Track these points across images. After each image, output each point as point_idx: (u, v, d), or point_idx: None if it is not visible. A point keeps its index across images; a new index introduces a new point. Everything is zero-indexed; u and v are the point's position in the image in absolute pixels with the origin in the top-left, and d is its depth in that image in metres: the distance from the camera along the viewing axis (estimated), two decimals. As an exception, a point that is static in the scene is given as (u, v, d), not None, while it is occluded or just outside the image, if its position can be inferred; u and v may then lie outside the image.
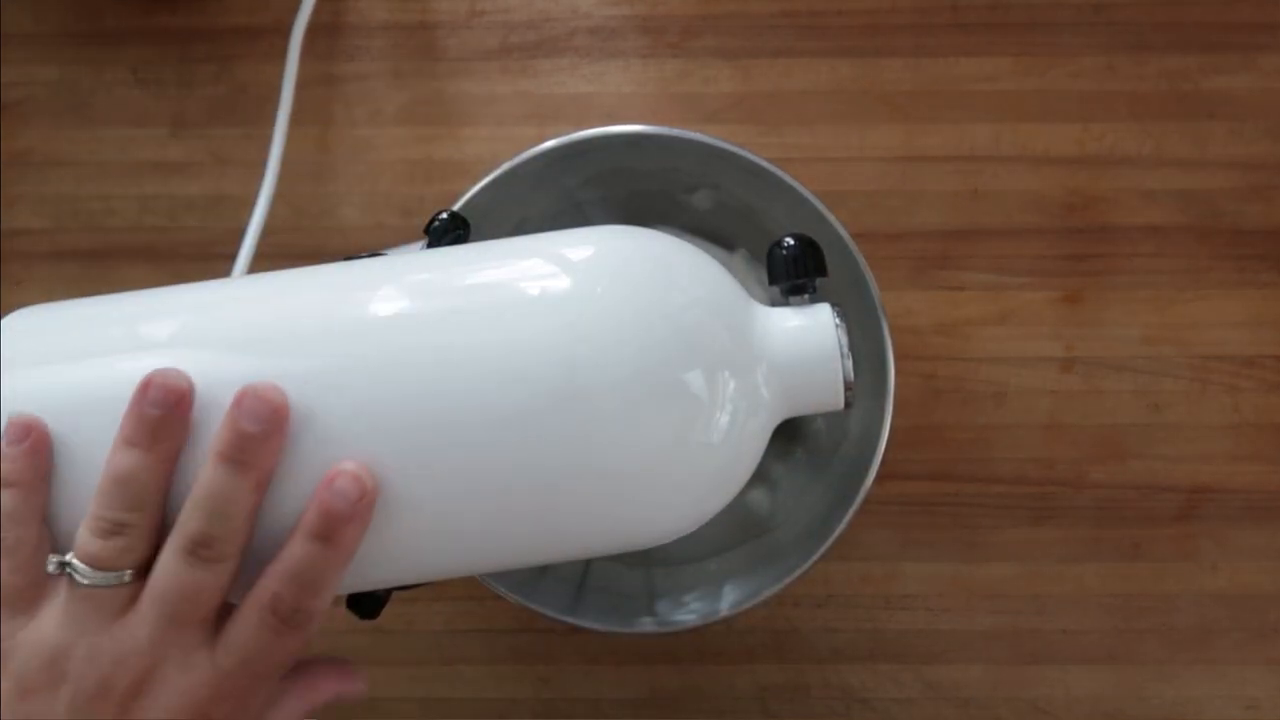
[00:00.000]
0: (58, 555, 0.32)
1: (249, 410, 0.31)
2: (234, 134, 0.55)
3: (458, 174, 0.54)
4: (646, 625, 0.45)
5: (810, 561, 0.43)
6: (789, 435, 0.51)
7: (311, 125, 0.54)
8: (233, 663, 0.33)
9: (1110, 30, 0.54)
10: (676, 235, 0.50)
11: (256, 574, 0.33)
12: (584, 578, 0.47)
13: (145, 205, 0.55)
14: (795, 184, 0.44)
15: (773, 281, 0.38)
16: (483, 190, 0.45)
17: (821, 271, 0.38)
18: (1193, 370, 0.52)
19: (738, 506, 0.50)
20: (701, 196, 0.50)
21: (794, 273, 0.38)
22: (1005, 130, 0.53)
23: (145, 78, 0.55)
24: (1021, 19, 0.54)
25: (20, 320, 0.36)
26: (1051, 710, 0.52)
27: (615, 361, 0.32)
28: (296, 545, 0.32)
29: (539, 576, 0.45)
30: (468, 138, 0.54)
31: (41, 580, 0.32)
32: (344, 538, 0.32)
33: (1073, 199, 0.53)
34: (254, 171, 0.50)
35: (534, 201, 0.48)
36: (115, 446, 0.32)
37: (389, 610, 0.39)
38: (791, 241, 0.38)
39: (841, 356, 0.35)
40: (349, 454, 0.32)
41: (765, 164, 0.44)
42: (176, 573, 0.32)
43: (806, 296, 0.37)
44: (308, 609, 0.32)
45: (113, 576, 0.32)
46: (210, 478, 0.32)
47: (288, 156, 0.51)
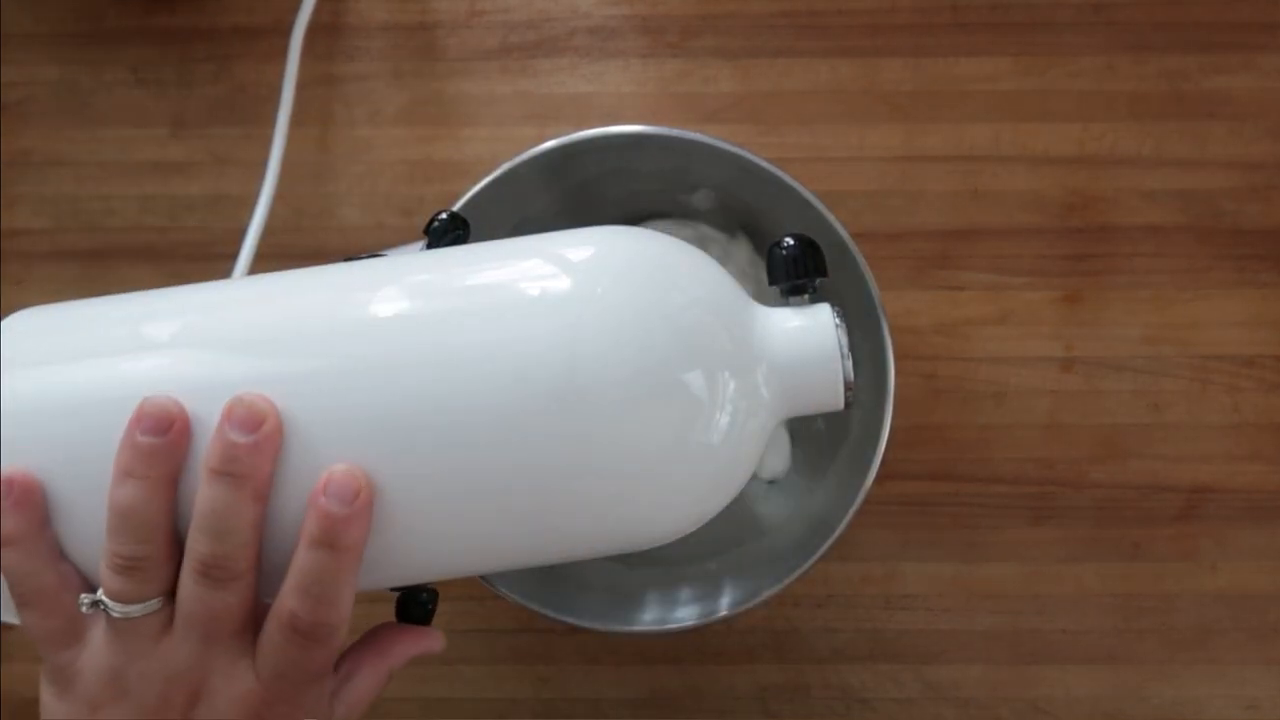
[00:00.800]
0: (89, 595, 0.33)
1: (237, 421, 0.31)
2: (234, 134, 0.55)
3: (458, 174, 0.54)
4: (646, 625, 0.45)
5: (810, 561, 0.43)
6: (789, 435, 0.51)
7: (311, 125, 0.54)
8: (270, 675, 0.33)
9: (1110, 30, 0.54)
10: (679, 224, 0.50)
11: (280, 577, 0.33)
12: (584, 578, 0.47)
13: (145, 205, 0.55)
14: (795, 184, 0.44)
15: (773, 282, 0.38)
16: (483, 190, 0.45)
17: (821, 272, 0.38)
18: (1193, 370, 0.52)
19: (738, 506, 0.51)
20: (701, 196, 0.50)
21: (794, 273, 0.38)
22: (1005, 130, 0.53)
23: (145, 78, 0.55)
24: (1021, 19, 0.54)
25: (21, 321, 0.36)
26: (1051, 710, 0.52)
27: (615, 362, 0.32)
28: (302, 556, 0.32)
29: (540, 577, 0.45)
30: (468, 138, 0.54)
31: (78, 616, 0.33)
32: (347, 540, 0.32)
33: (1073, 199, 0.53)
34: (254, 171, 0.50)
35: (534, 201, 0.48)
36: (115, 479, 0.32)
37: (389, 610, 0.39)
38: (791, 241, 0.38)
39: (841, 357, 0.35)
40: (350, 455, 0.32)
41: (765, 164, 0.44)
42: (197, 597, 0.32)
43: (806, 297, 0.37)
44: (327, 622, 0.33)
45: (141, 607, 0.33)
46: (206, 495, 0.32)
47: (288, 157, 0.51)
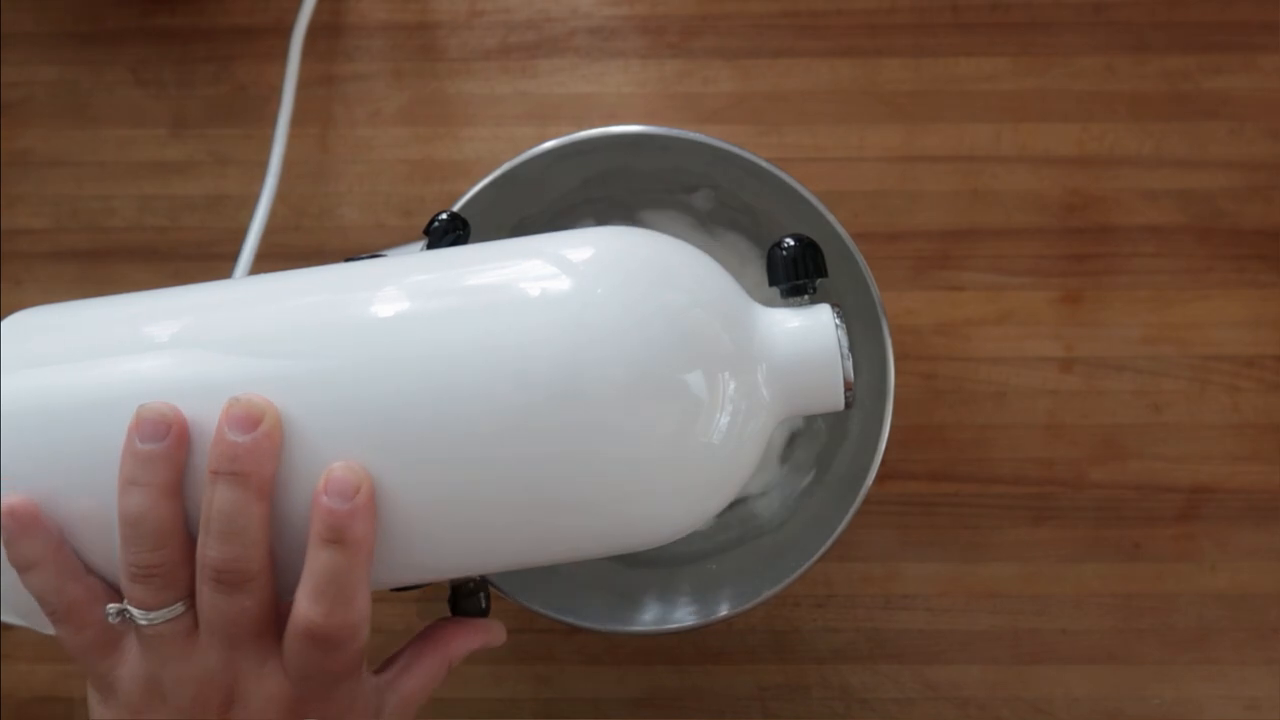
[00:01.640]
0: (116, 605, 0.33)
1: (235, 420, 0.31)
2: (234, 134, 0.55)
3: (458, 174, 0.54)
4: (646, 625, 0.45)
5: (810, 561, 0.43)
6: (789, 435, 0.51)
7: (312, 125, 0.54)
8: (298, 676, 0.33)
9: (1110, 30, 0.54)
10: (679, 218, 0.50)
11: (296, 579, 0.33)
12: (584, 578, 0.47)
13: (145, 205, 0.55)
14: (795, 184, 0.44)
15: (773, 282, 0.38)
16: (483, 190, 0.45)
17: (821, 272, 0.38)
18: (1193, 370, 0.52)
19: (738, 506, 0.51)
20: (701, 196, 0.50)
21: (794, 273, 0.38)
22: (1005, 130, 0.53)
23: (145, 78, 0.55)
24: (1021, 19, 0.54)
25: (21, 321, 0.36)
26: (1051, 710, 0.52)
27: (616, 362, 0.32)
28: (313, 557, 0.32)
29: (540, 577, 0.45)
30: (468, 138, 0.54)
31: (110, 626, 0.34)
32: (354, 535, 0.32)
33: (1073, 199, 0.53)
34: (254, 171, 0.50)
35: (534, 201, 0.48)
36: (120, 489, 0.32)
37: (388, 610, 0.39)
38: (791, 242, 0.38)
39: (841, 357, 0.35)
40: (351, 454, 0.32)
41: (765, 164, 0.44)
42: (214, 604, 0.33)
43: (806, 297, 0.37)
44: (347, 623, 0.32)
45: (165, 613, 0.33)
46: (212, 497, 0.32)
47: (288, 156, 0.50)
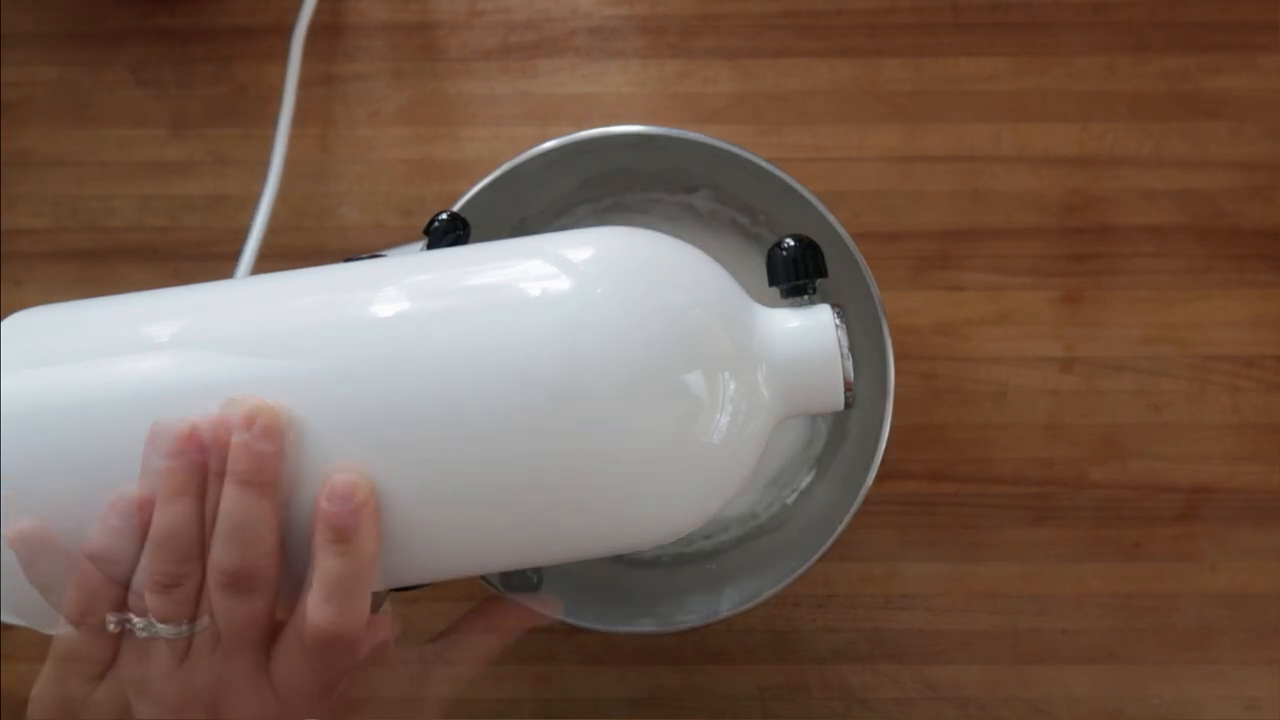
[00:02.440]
0: (115, 615, 0.33)
1: (242, 422, 0.31)
2: (234, 134, 0.55)
3: (458, 174, 0.54)
4: (646, 625, 0.45)
5: (810, 561, 0.43)
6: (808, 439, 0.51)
7: (312, 125, 0.54)
8: (287, 690, 0.33)
9: (1110, 30, 0.54)
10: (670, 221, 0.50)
11: (293, 586, 0.33)
12: (584, 578, 0.47)
13: (145, 205, 0.55)
14: (795, 184, 0.44)
15: (773, 282, 0.38)
16: (483, 190, 0.45)
17: (821, 272, 0.38)
18: (1193, 370, 0.52)
19: (738, 507, 0.51)
20: (701, 196, 0.50)
21: (794, 273, 0.38)
22: (1005, 130, 0.53)
23: (145, 78, 0.55)
24: (1021, 19, 0.54)
25: (21, 321, 0.36)
26: (1051, 710, 0.52)
27: (616, 362, 0.32)
28: (320, 561, 0.32)
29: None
30: (468, 138, 0.54)
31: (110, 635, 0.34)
32: (359, 538, 0.32)
33: (1073, 199, 0.53)
34: (254, 171, 0.50)
35: (534, 201, 0.48)
36: (158, 506, 0.32)
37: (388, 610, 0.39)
38: (791, 242, 0.38)
39: (841, 357, 0.35)
40: (351, 453, 0.32)
41: (765, 164, 0.44)
42: (226, 608, 0.33)
43: (806, 297, 0.37)
44: (358, 624, 0.32)
45: (186, 629, 0.33)
46: (222, 500, 0.32)
47: (288, 156, 0.50)
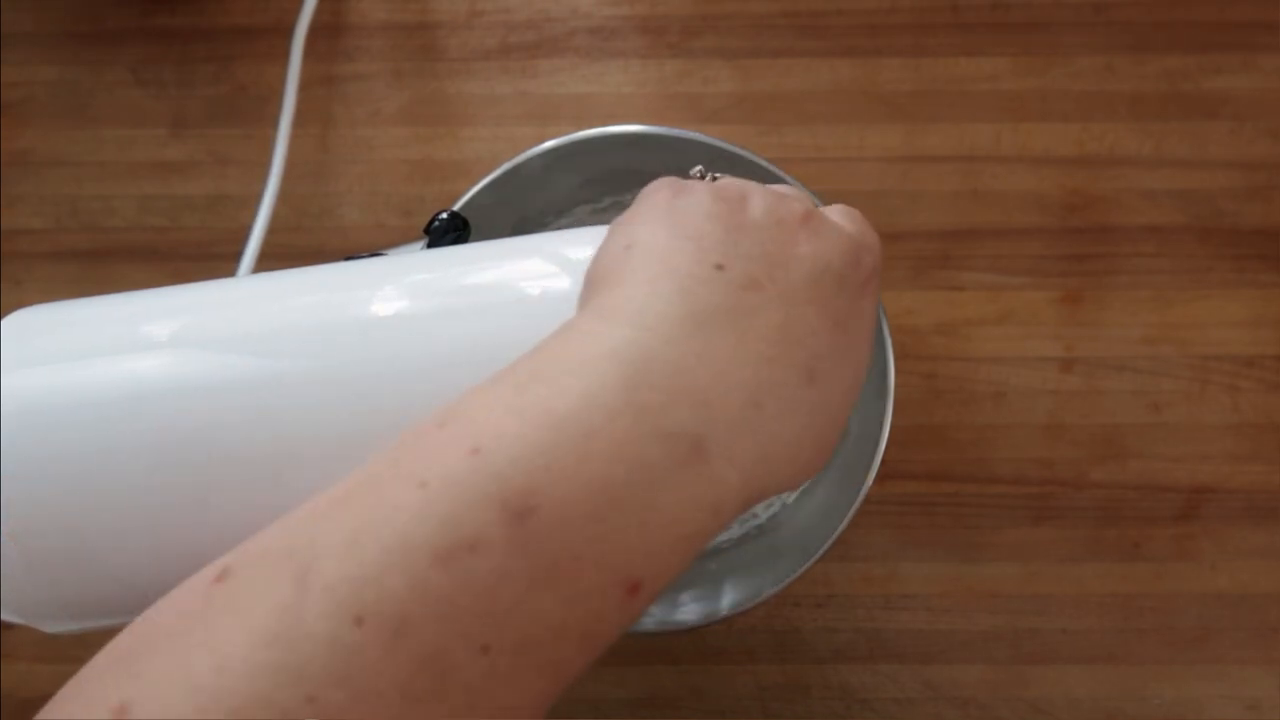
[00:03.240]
0: None
1: None
2: (234, 134, 0.55)
3: (458, 174, 0.54)
4: (646, 625, 0.45)
5: (810, 561, 0.43)
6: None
7: (312, 125, 0.54)
8: None
9: (1110, 30, 0.54)
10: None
11: None
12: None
13: (145, 205, 0.55)
14: (795, 184, 0.44)
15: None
16: (483, 190, 0.45)
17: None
18: (1193, 370, 0.52)
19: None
20: (701, 196, 0.50)
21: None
22: (1005, 130, 0.53)
23: (145, 78, 0.55)
24: (1021, 19, 0.54)
25: (20, 320, 0.36)
26: (1051, 710, 0.52)
27: (615, 361, 0.32)
28: None
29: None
30: (468, 138, 0.54)
31: None
32: None
33: (1073, 199, 0.53)
34: (254, 171, 0.50)
35: (534, 201, 0.48)
36: None
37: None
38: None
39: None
40: (350, 452, 0.32)
41: (765, 164, 0.44)
42: None
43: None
44: None
45: None
46: None
47: (288, 156, 0.50)
